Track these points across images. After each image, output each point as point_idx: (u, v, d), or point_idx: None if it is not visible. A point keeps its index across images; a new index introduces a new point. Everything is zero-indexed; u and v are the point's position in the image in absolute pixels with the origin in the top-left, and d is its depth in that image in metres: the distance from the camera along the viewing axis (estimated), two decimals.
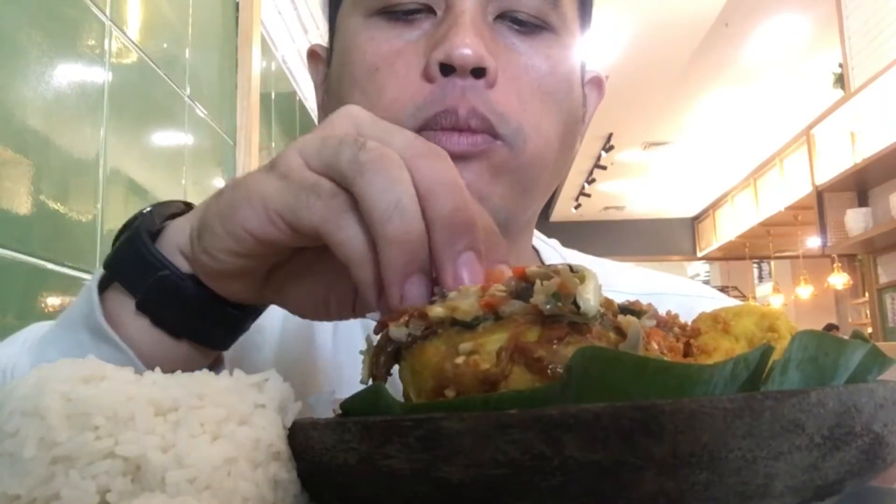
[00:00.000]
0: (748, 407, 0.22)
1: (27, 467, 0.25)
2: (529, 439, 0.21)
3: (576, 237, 9.53)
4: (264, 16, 1.69)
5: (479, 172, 0.52)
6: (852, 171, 5.26)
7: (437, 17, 0.53)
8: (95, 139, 0.93)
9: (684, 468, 0.21)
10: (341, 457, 0.25)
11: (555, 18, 0.55)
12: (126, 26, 1.02)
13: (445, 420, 0.23)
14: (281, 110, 1.89)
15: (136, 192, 1.05)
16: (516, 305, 0.27)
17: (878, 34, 4.55)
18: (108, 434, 0.25)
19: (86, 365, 0.28)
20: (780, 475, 0.23)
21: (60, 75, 0.85)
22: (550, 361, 0.26)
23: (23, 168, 0.78)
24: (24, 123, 0.78)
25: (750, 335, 0.31)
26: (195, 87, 1.29)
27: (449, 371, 0.27)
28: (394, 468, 0.24)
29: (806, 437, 0.23)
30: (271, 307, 0.64)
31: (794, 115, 6.69)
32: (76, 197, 0.88)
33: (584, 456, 0.21)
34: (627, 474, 0.21)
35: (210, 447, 0.26)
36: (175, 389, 0.27)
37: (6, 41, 0.76)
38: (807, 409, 0.23)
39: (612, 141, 7.57)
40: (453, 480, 0.23)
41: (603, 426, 0.21)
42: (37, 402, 0.26)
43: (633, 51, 5.49)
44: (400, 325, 0.29)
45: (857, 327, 6.70)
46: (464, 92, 0.50)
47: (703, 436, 0.21)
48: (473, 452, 0.22)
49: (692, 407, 0.21)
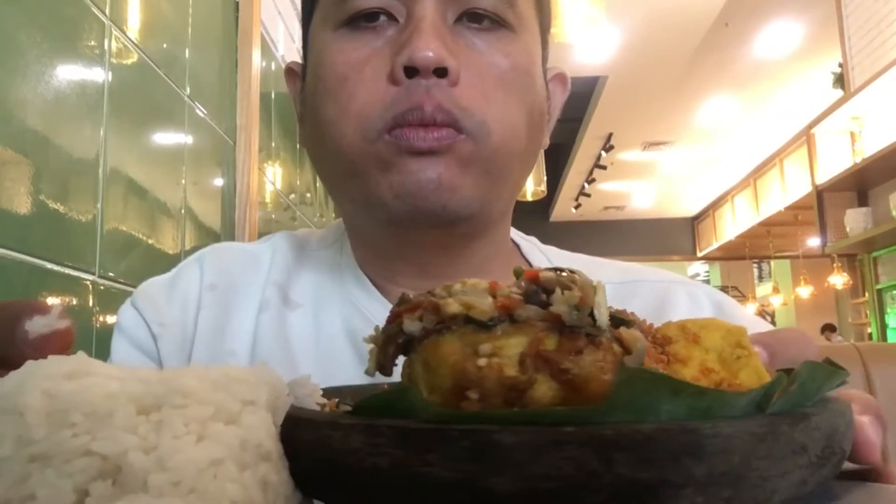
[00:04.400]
0: (770, 431, 0.24)
1: (2, 467, 0.24)
2: (583, 456, 0.22)
3: (576, 237, 9.48)
4: (264, 16, 1.69)
5: (448, 165, 0.54)
6: (852, 171, 5.27)
7: (400, 24, 0.56)
8: (95, 139, 0.93)
9: (715, 486, 0.23)
10: (369, 460, 0.25)
11: (512, 17, 0.58)
12: (126, 26, 1.02)
13: (497, 433, 0.23)
14: (281, 110, 1.89)
15: (136, 192, 1.05)
16: (532, 311, 0.28)
17: (878, 34, 4.55)
18: (84, 431, 0.24)
19: (72, 361, 0.27)
20: (780, 490, 0.25)
21: (60, 75, 0.85)
22: (575, 373, 0.26)
23: (23, 168, 0.78)
24: (23, 123, 0.78)
25: (719, 349, 0.32)
26: (195, 87, 1.29)
27: (472, 372, 0.27)
28: (433, 476, 0.23)
29: (806, 458, 0.26)
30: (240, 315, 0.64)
31: (794, 115, 6.70)
32: (76, 197, 0.88)
33: (633, 474, 0.22)
34: (668, 491, 0.23)
35: (195, 449, 0.24)
36: (159, 387, 0.26)
37: (6, 41, 0.76)
38: (809, 432, 0.26)
39: (612, 141, 7.57)
40: (498, 492, 0.23)
41: (653, 447, 0.22)
42: (16, 399, 0.25)
43: (633, 51, 5.49)
44: (414, 319, 0.29)
45: (857, 327, 6.63)
46: (428, 90, 0.53)
47: (734, 457, 0.23)
48: (525, 466, 0.23)
49: (728, 431, 0.23)
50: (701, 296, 0.66)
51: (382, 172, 0.55)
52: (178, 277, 0.68)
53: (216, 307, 0.65)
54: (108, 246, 0.95)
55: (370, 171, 0.55)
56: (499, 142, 0.56)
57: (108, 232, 0.95)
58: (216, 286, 0.66)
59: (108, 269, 0.95)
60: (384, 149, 0.54)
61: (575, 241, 1.95)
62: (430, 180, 0.54)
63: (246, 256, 0.69)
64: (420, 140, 0.53)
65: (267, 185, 1.77)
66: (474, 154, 0.55)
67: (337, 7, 0.57)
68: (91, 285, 0.91)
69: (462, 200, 0.55)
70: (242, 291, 0.66)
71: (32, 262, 0.79)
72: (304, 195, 2.18)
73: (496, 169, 0.57)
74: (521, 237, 0.73)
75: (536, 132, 0.61)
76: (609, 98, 6.45)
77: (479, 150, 0.55)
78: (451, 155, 0.54)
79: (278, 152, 1.89)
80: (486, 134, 0.55)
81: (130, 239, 1.03)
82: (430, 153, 0.54)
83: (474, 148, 0.55)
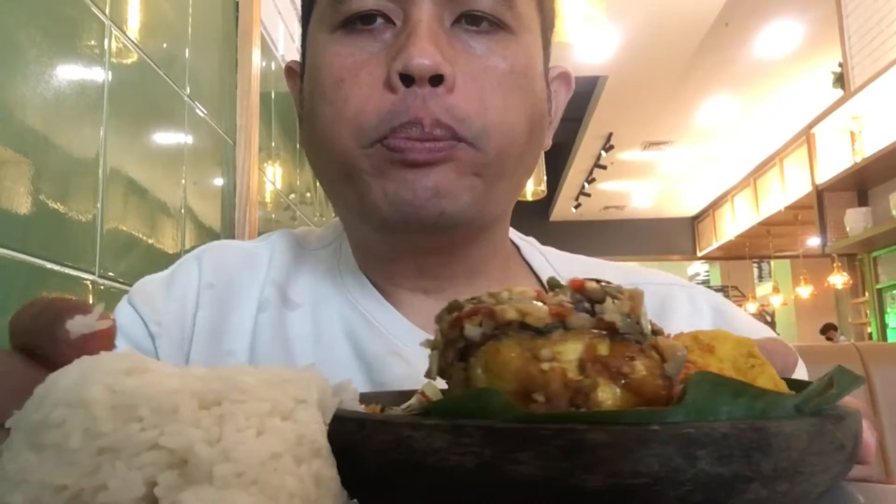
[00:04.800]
0: (820, 430, 0.27)
1: (73, 458, 0.25)
2: (669, 453, 0.24)
3: (576, 237, 9.47)
4: (264, 16, 1.69)
5: (445, 173, 0.54)
6: (852, 170, 5.26)
7: (397, 27, 0.56)
8: (95, 139, 0.93)
9: (776, 479, 0.26)
10: (454, 459, 0.25)
11: (510, 18, 0.57)
12: (126, 26, 1.02)
13: (589, 432, 0.24)
14: (281, 110, 1.89)
15: (136, 192, 1.05)
16: (584, 318, 0.30)
17: (878, 34, 4.55)
18: (152, 425, 0.25)
19: (128, 358, 0.28)
20: (821, 484, 0.28)
21: (60, 75, 0.85)
22: (632, 377, 0.28)
23: (22, 168, 0.78)
24: (23, 123, 0.78)
25: (733, 359, 0.34)
26: (195, 87, 1.29)
27: (537, 376, 0.28)
28: (523, 474, 0.25)
29: (843, 455, 0.28)
30: (239, 315, 0.63)
31: (794, 115, 6.69)
32: (76, 197, 0.88)
33: (713, 468, 0.24)
34: (740, 485, 0.25)
35: (256, 442, 0.25)
36: (216, 383, 0.27)
37: (6, 41, 0.76)
38: (845, 431, 0.28)
39: (612, 141, 7.57)
40: (587, 489, 0.24)
41: (729, 444, 0.25)
42: (81, 392, 0.26)
43: (633, 51, 5.48)
44: (475, 324, 0.30)
45: (857, 327, 6.63)
46: (425, 101, 0.53)
47: (793, 453, 0.26)
48: (615, 463, 0.24)
49: (789, 430, 0.26)
50: (701, 299, 0.66)
51: (377, 178, 0.54)
52: (175, 275, 0.67)
53: (214, 306, 0.64)
54: (108, 246, 0.95)
55: (365, 177, 0.55)
56: (498, 147, 0.55)
57: (108, 232, 0.95)
58: (214, 285, 0.65)
59: (108, 269, 0.95)
60: (379, 156, 0.54)
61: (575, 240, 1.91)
62: (427, 188, 0.53)
63: (244, 255, 0.68)
64: (416, 152, 0.53)
65: (267, 185, 1.77)
66: (474, 160, 0.54)
67: (333, 8, 0.57)
68: (91, 285, 0.91)
69: (459, 206, 0.55)
70: (241, 290, 0.65)
71: (32, 262, 0.79)
72: (304, 195, 2.18)
73: (495, 174, 0.56)
74: (519, 238, 0.73)
75: (537, 134, 0.60)
76: (609, 98, 6.45)
77: (479, 157, 0.54)
78: (450, 163, 0.54)
79: (278, 152, 1.89)
80: (486, 141, 0.54)
81: (130, 239, 1.03)
82: (426, 164, 0.53)
83: (474, 155, 0.54)
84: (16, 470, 0.25)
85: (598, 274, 0.68)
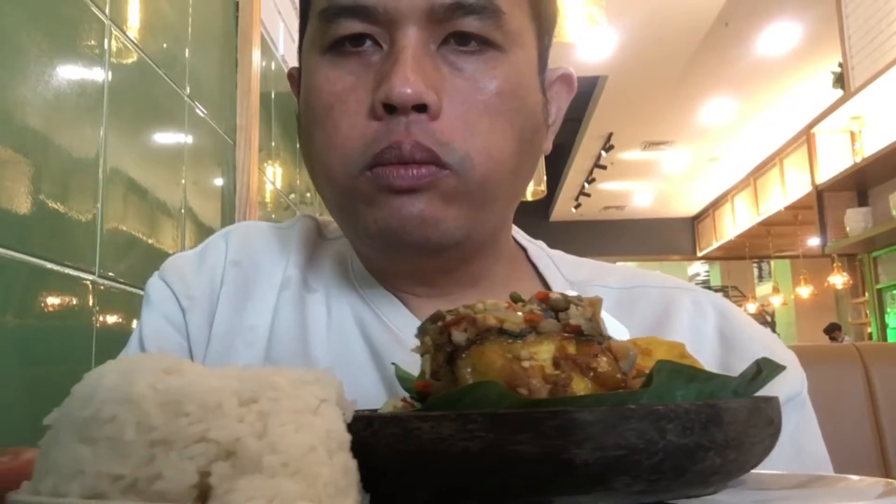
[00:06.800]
0: (756, 407, 0.33)
1: (128, 449, 0.27)
2: (644, 427, 0.29)
3: (576, 237, 9.47)
4: (264, 16, 1.69)
5: (430, 201, 0.54)
6: (852, 170, 5.26)
7: (384, 50, 0.55)
8: (95, 139, 0.93)
9: (727, 449, 0.31)
10: (461, 444, 0.29)
11: (499, 36, 0.55)
12: (126, 26, 1.02)
13: (579, 413, 0.29)
14: (281, 110, 1.89)
15: (136, 192, 1.05)
16: (552, 324, 0.35)
17: (878, 34, 4.55)
18: (198, 420, 0.27)
19: (164, 359, 0.30)
20: (756, 455, 0.34)
21: (60, 75, 0.85)
22: (598, 371, 0.34)
23: (22, 168, 0.78)
24: (23, 123, 0.78)
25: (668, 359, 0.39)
26: (195, 87, 1.29)
27: (519, 373, 0.33)
28: (522, 453, 0.29)
29: (772, 429, 0.34)
30: (262, 292, 0.64)
31: (793, 114, 6.69)
32: (76, 197, 0.88)
33: (679, 439, 0.30)
34: (700, 453, 0.30)
35: (296, 435, 0.28)
36: (251, 382, 0.29)
37: (6, 41, 0.76)
38: (774, 409, 0.35)
39: (612, 141, 7.57)
40: (577, 461, 0.29)
41: (690, 418, 0.30)
42: (128, 390, 0.28)
43: (633, 51, 5.48)
44: (461, 330, 0.35)
45: (857, 327, 6.63)
46: (408, 127, 0.53)
47: (738, 426, 0.31)
48: (601, 438, 0.29)
49: (734, 406, 0.32)
50: (705, 303, 0.66)
51: (367, 206, 0.55)
52: (205, 252, 0.69)
53: (239, 283, 0.66)
54: (108, 246, 0.95)
55: (356, 204, 0.56)
56: (483, 173, 0.55)
57: (108, 232, 0.95)
58: (240, 262, 0.67)
59: (108, 269, 0.95)
60: (366, 185, 0.54)
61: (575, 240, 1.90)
62: (413, 216, 0.54)
63: (271, 235, 0.70)
64: (399, 179, 0.53)
65: (267, 185, 1.77)
66: (458, 188, 0.54)
67: (322, 32, 0.57)
68: (91, 285, 0.91)
69: (446, 232, 0.55)
70: (265, 269, 0.67)
71: (32, 261, 0.79)
72: (304, 195, 2.18)
73: (481, 200, 0.56)
74: (528, 241, 0.72)
75: (529, 152, 0.60)
76: (609, 98, 6.45)
77: (463, 184, 0.54)
78: (434, 191, 0.54)
79: (278, 152, 1.89)
80: (470, 167, 0.54)
81: (130, 239, 1.03)
82: (410, 191, 0.53)
83: (457, 182, 0.54)
84: (69, 462, 0.27)
85: (604, 278, 0.68)
